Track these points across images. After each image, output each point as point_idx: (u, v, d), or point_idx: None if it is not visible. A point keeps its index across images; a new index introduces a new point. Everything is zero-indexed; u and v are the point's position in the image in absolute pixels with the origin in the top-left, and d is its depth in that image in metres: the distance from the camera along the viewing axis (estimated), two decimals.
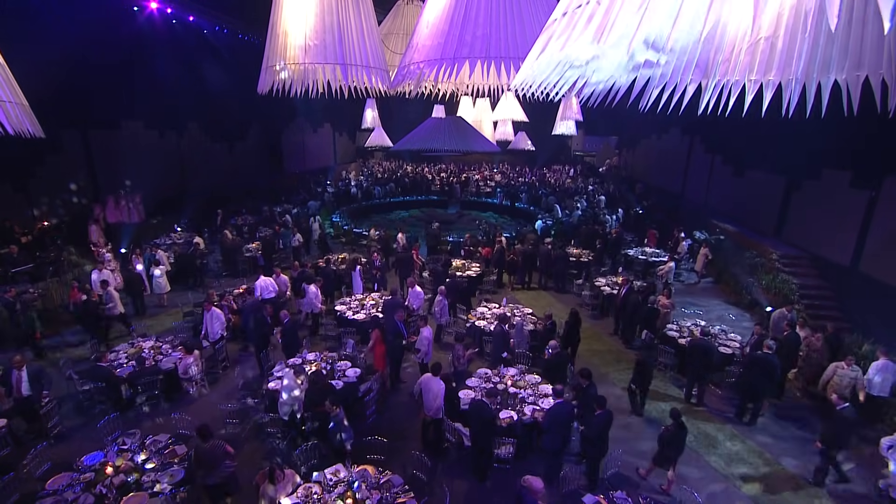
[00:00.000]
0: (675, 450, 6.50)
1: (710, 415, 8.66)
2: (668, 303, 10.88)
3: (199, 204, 20.54)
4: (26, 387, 7.46)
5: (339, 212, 22.83)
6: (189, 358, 8.51)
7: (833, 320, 11.47)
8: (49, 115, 8.63)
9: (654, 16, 2.24)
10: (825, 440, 6.90)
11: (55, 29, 14.05)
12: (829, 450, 6.88)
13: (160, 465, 6.01)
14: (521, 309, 11.19)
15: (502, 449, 6.76)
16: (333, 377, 8.10)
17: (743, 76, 2.58)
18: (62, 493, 5.45)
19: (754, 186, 16.92)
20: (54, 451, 6.98)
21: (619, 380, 9.56)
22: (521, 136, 26.15)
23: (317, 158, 33.28)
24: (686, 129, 22.12)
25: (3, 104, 6.70)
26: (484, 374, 8.37)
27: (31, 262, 12.91)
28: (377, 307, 11.13)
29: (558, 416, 6.54)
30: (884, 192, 11.33)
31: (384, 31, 15.14)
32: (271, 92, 9.46)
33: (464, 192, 27.40)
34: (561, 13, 3.06)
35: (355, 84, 9.53)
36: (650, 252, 16.32)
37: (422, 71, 8.22)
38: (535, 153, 29.17)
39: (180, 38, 19.10)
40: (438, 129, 18.18)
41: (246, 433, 7.78)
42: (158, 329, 11.20)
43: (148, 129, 20.22)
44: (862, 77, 2.36)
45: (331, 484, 5.63)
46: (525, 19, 7.53)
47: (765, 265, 13.93)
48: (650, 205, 23.32)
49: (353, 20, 8.90)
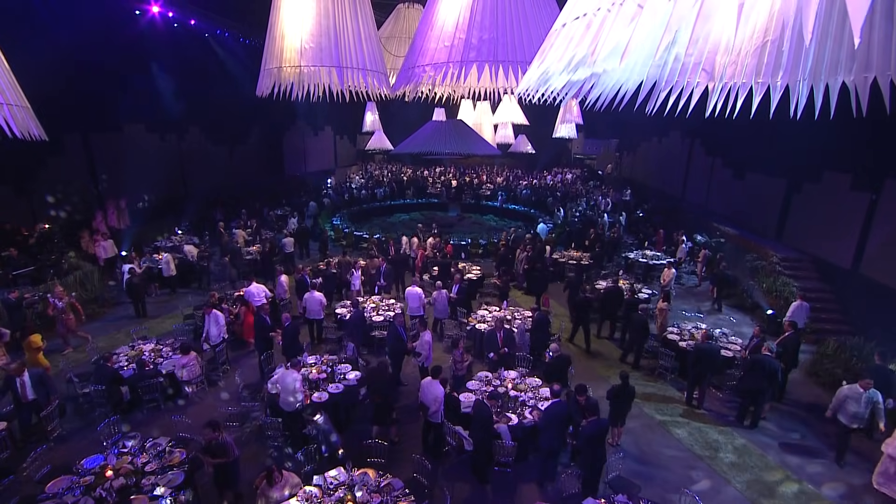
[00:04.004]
0: (622, 405, 7.46)
1: (711, 418, 8.64)
2: (664, 305, 10.85)
3: (199, 206, 20.58)
4: (31, 391, 7.44)
5: (339, 215, 22.84)
6: (185, 358, 8.47)
7: (834, 323, 11.49)
8: (51, 118, 8.62)
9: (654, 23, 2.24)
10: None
11: (57, 32, 14.07)
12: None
13: (160, 468, 5.98)
14: (522, 311, 11.17)
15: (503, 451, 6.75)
16: (333, 380, 8.08)
17: (750, 78, 2.58)
18: (62, 496, 5.42)
19: (755, 189, 16.94)
20: (54, 454, 6.95)
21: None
22: (522, 139, 26.19)
23: (317, 161, 33.34)
24: (686, 132, 22.16)
25: (10, 107, 6.70)
26: (484, 377, 8.36)
27: (32, 265, 12.90)
28: (377, 310, 11.14)
29: (555, 415, 6.58)
30: (884, 195, 11.34)
31: (385, 34, 15.16)
32: (272, 95, 9.46)
33: (464, 195, 27.42)
34: (571, 18, 3.06)
35: (354, 87, 9.52)
36: (650, 255, 16.31)
37: (428, 73, 8.22)
38: (536, 156, 29.20)
39: (182, 41, 19.16)
40: (439, 133, 18.22)
41: (246, 436, 7.76)
42: (159, 332, 11.19)
43: (149, 132, 20.28)
44: (870, 79, 2.36)
45: (331, 487, 5.61)
46: (531, 23, 7.53)
47: (765, 268, 13.92)
48: (650, 208, 23.36)
49: (351, 23, 8.88)
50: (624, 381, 7.41)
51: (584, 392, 6.84)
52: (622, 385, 7.40)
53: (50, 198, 15.70)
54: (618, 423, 7.67)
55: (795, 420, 8.64)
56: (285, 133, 30.03)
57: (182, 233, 17.97)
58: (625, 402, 7.52)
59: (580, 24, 2.93)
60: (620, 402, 7.48)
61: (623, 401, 7.49)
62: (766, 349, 8.32)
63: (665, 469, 7.34)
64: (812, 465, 7.44)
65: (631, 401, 7.60)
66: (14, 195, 15.14)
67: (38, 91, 8.41)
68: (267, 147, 28.71)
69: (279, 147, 29.92)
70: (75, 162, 17.03)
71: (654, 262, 15.70)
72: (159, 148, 21.00)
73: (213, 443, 5.87)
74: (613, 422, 7.58)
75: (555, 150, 35.94)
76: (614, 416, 7.56)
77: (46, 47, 13.38)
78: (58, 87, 12.93)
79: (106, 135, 18.04)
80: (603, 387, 8.15)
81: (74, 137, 16.83)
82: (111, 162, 18.07)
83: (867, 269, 11.67)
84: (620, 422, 7.69)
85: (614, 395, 7.45)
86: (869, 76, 2.36)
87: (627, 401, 7.54)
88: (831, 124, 4.44)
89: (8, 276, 12.26)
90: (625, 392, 7.42)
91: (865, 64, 2.29)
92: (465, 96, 14.09)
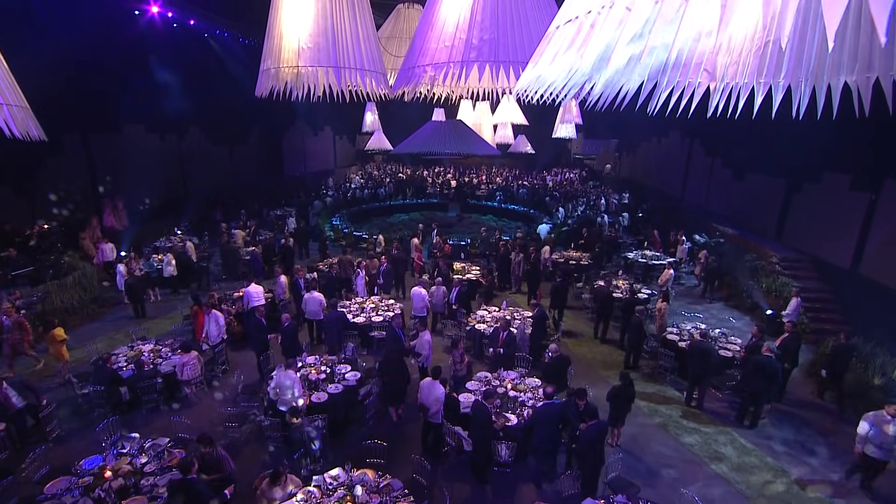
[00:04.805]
0: (622, 405, 7.46)
1: (711, 418, 8.63)
2: (663, 306, 10.85)
3: (199, 207, 20.56)
4: (17, 399, 7.38)
5: (338, 215, 22.84)
6: (186, 357, 8.45)
7: (834, 323, 11.48)
8: (50, 118, 8.62)
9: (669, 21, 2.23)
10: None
11: (57, 32, 14.05)
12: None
13: (159, 469, 5.97)
14: (522, 312, 11.16)
15: (502, 452, 6.74)
16: (333, 381, 8.07)
17: (752, 79, 2.58)
18: (61, 497, 5.41)
19: (754, 189, 16.95)
20: (53, 455, 6.93)
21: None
22: (521, 140, 26.19)
23: (317, 162, 33.35)
24: (686, 132, 22.17)
25: (10, 108, 6.70)
26: (484, 377, 8.35)
27: (31, 265, 12.89)
28: (377, 310, 11.13)
29: (545, 416, 6.62)
30: (884, 195, 11.35)
31: (385, 34, 15.14)
32: (271, 95, 9.45)
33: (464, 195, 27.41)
34: (563, 21, 3.06)
35: (353, 87, 9.50)
36: (650, 255, 16.31)
37: (428, 74, 8.21)
38: (535, 156, 29.20)
39: (181, 41, 19.15)
40: (438, 133, 18.20)
41: (245, 437, 7.74)
42: (158, 332, 11.17)
43: (149, 132, 20.28)
44: (872, 79, 2.35)
45: (330, 488, 5.60)
46: (531, 23, 7.52)
47: (765, 268, 13.92)
48: (649, 208, 23.37)
49: (349, 23, 8.85)
50: (624, 381, 7.41)
51: (583, 396, 6.76)
52: (622, 385, 7.40)
53: (53, 196, 15.70)
54: (617, 423, 7.67)
55: (795, 420, 8.64)
56: (285, 133, 30.04)
57: (181, 233, 17.97)
58: (625, 402, 7.52)
59: (572, 28, 2.93)
60: (620, 402, 7.48)
61: (623, 401, 7.49)
62: (766, 349, 8.32)
63: (664, 469, 7.33)
64: (812, 466, 7.44)
65: (631, 402, 7.60)
66: (13, 195, 15.13)
67: (37, 91, 8.40)
68: (267, 147, 28.72)
69: (279, 147, 29.93)
70: (75, 162, 17.01)
71: (654, 263, 15.70)
72: (159, 148, 21.01)
73: (206, 457, 5.80)
74: (613, 422, 7.59)
75: (554, 150, 35.95)
76: (614, 416, 7.56)
77: (46, 47, 13.37)
78: (57, 87, 12.92)
79: (105, 135, 18.04)
80: (603, 387, 8.16)
81: (74, 137, 16.82)
82: (111, 162, 18.06)
83: (866, 269, 11.68)
84: (620, 422, 7.69)
85: (614, 395, 7.45)
86: (871, 76, 2.35)
87: (627, 401, 7.54)
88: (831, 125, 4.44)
89: (7, 276, 12.25)
90: (625, 393, 7.42)
91: (868, 64, 2.29)
92: (463, 96, 14.08)
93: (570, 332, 12.00)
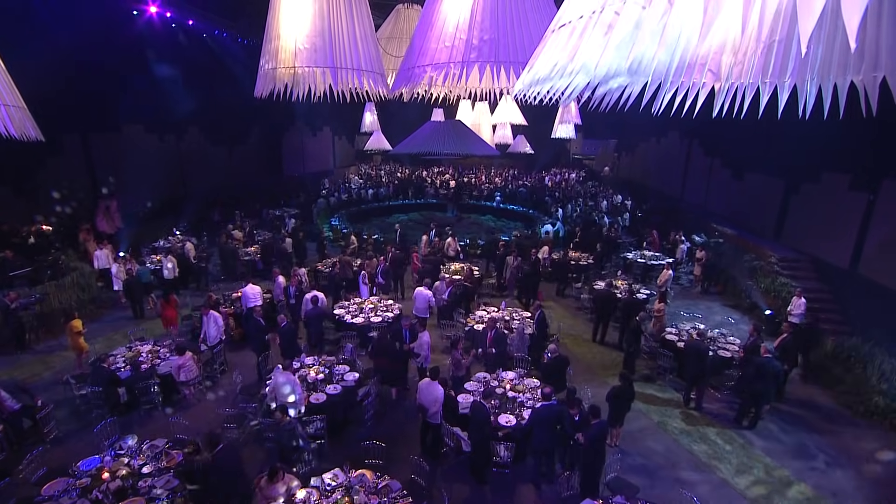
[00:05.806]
0: (621, 406, 7.46)
1: (710, 418, 8.63)
2: (661, 306, 10.84)
3: (198, 207, 20.52)
4: (11, 402, 7.35)
5: (337, 215, 22.81)
6: (180, 359, 8.42)
7: (832, 323, 11.48)
8: (50, 118, 8.60)
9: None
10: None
11: (56, 32, 14.03)
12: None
13: (157, 470, 5.95)
14: (521, 313, 11.15)
15: (501, 452, 6.73)
16: (331, 381, 8.05)
17: (757, 79, 2.56)
18: (58, 498, 5.38)
19: (753, 189, 16.96)
20: (50, 456, 6.89)
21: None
22: (521, 140, 26.17)
23: (316, 162, 33.33)
24: (685, 133, 22.19)
25: (7, 108, 6.68)
26: (483, 377, 8.33)
27: (29, 266, 12.84)
28: (376, 311, 11.10)
29: (543, 417, 6.60)
30: (882, 195, 11.37)
31: (385, 34, 15.10)
32: (270, 96, 9.43)
33: (462, 195, 27.41)
34: (558, 25, 3.05)
35: (350, 88, 9.48)
36: (649, 255, 16.31)
37: (428, 74, 8.18)
38: (534, 156, 29.20)
39: (180, 41, 19.13)
40: (438, 133, 18.17)
41: (244, 437, 7.72)
42: (156, 333, 11.13)
43: (148, 132, 20.25)
44: (879, 78, 2.34)
45: (329, 489, 5.58)
46: (531, 23, 7.50)
47: (764, 268, 13.93)
48: (648, 208, 23.38)
49: (346, 24, 8.82)
50: (624, 382, 7.41)
51: (575, 405, 6.70)
52: (623, 386, 7.40)
53: (56, 193, 15.64)
54: (616, 424, 7.67)
55: (794, 420, 8.64)
56: (284, 133, 30.02)
57: (180, 234, 17.91)
58: (624, 402, 7.52)
59: (566, 31, 2.92)
60: (620, 402, 7.48)
61: (623, 402, 7.50)
62: (764, 351, 8.31)
63: (663, 469, 7.33)
64: (811, 465, 7.44)
65: (630, 402, 7.60)
66: (12, 195, 15.08)
67: (37, 91, 8.39)
68: (266, 147, 28.70)
69: (278, 147, 29.91)
70: (74, 162, 16.97)
71: (653, 263, 15.70)
72: (158, 148, 20.98)
73: (196, 465, 5.76)
74: (612, 423, 7.55)
75: (553, 150, 35.97)
76: (613, 416, 7.55)
77: (46, 47, 13.35)
78: (57, 87, 12.91)
79: (105, 135, 18.01)
80: (602, 388, 8.16)
81: (73, 138, 16.79)
82: (110, 162, 18.01)
83: (865, 269, 11.69)
84: (619, 423, 7.69)
85: (614, 395, 7.45)
86: (878, 75, 2.33)
87: (627, 402, 7.55)
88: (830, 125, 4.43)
89: (5, 276, 12.20)
90: (625, 393, 7.42)
91: (874, 63, 2.27)
92: (462, 97, 14.06)
93: (570, 332, 11.95)
